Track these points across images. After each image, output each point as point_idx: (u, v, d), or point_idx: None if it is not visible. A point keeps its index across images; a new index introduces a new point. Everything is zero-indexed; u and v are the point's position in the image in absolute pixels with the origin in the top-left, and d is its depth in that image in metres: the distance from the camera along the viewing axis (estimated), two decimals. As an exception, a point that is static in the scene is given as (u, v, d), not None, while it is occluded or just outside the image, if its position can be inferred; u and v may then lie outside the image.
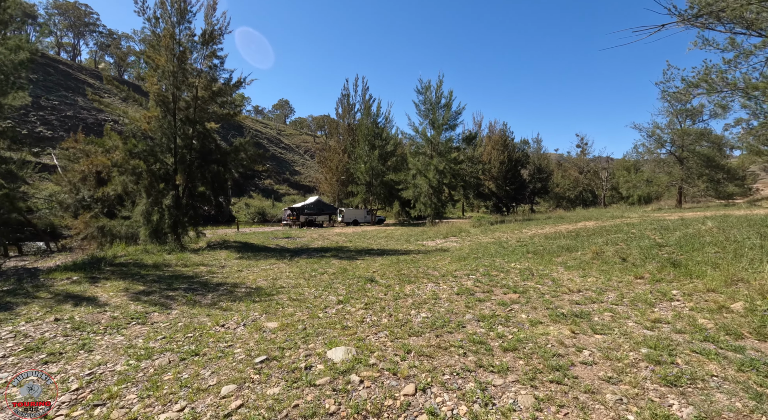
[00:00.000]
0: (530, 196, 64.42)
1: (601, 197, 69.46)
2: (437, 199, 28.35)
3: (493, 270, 8.90)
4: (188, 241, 17.75)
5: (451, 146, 28.87)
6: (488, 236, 18.26)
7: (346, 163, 41.14)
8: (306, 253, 15.25)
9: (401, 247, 16.22)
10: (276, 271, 10.55)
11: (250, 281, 9.16)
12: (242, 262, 12.35)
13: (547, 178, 65.47)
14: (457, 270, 9.21)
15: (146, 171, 15.12)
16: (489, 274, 8.37)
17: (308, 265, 11.33)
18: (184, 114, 16.45)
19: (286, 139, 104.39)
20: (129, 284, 8.50)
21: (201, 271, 10.46)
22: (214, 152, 16.84)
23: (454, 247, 15.30)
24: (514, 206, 62.59)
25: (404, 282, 8.13)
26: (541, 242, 13.49)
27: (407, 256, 12.86)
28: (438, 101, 29.48)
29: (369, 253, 14.35)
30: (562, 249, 11.04)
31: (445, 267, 9.86)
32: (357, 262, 11.70)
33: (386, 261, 11.66)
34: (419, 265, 10.38)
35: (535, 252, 11.25)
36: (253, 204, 54.58)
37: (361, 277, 8.95)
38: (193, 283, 8.89)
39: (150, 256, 12.44)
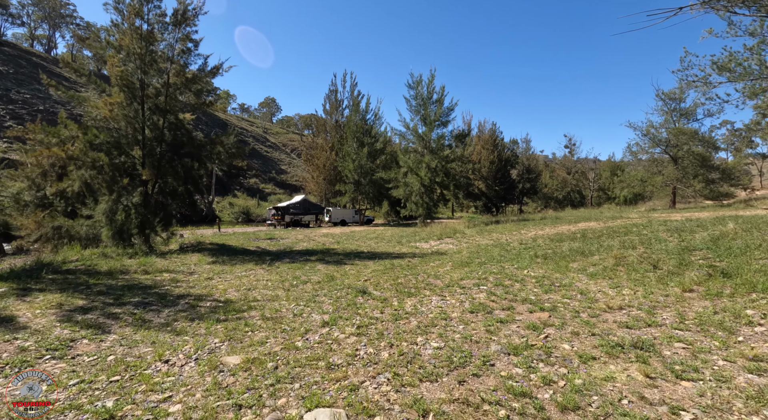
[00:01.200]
0: (519, 196, 64.05)
1: (589, 198, 69.71)
2: (429, 199, 27.14)
3: (504, 278, 7.66)
4: (160, 242, 16.09)
5: (443, 143, 27.71)
6: (486, 238, 17.10)
7: (334, 161, 39.64)
8: (289, 256, 13.79)
9: (394, 250, 14.90)
10: (252, 279, 9.10)
11: (218, 292, 7.71)
12: (215, 267, 10.84)
13: (536, 178, 65.26)
14: (463, 278, 7.95)
15: (108, 165, 13.43)
16: (502, 285, 7.12)
17: (290, 272, 9.91)
18: (153, 102, 14.79)
19: (272, 138, 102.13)
20: (66, 298, 6.94)
21: (163, 280, 8.94)
22: (187, 145, 15.21)
23: (451, 249, 14.06)
24: (504, 206, 62.10)
25: (403, 294, 6.82)
26: (547, 245, 12.35)
27: (401, 260, 11.55)
28: (430, 96, 28.27)
29: (359, 257, 12.99)
30: (574, 253, 9.89)
31: (448, 274, 8.59)
32: (346, 268, 10.33)
33: (379, 266, 10.33)
34: (417, 272, 9.07)
35: (545, 256, 10.09)
36: (238, 203, 52.53)
37: (351, 287, 7.59)
38: (149, 295, 7.39)
39: (107, 261, 10.82)
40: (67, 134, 13.31)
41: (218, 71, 15.82)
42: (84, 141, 13.51)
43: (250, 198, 58.92)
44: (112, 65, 12.66)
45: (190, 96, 15.68)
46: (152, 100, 14.74)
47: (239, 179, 67.57)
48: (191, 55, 15.36)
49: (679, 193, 31.74)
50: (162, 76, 14.90)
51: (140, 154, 14.67)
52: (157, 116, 15.04)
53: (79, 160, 12.99)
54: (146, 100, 14.62)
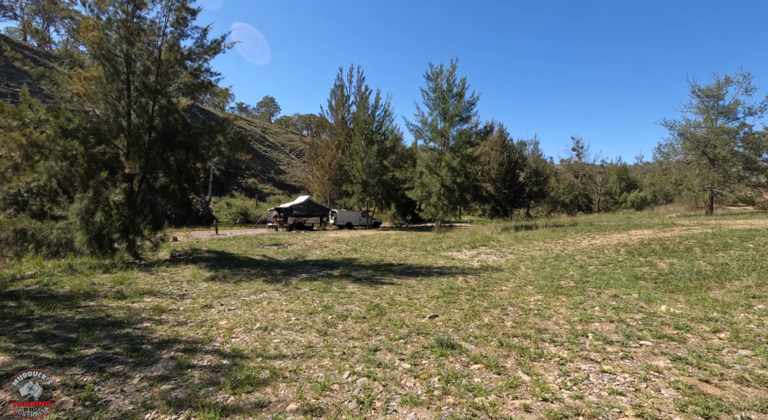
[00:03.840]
0: (527, 199, 61.92)
1: (596, 202, 67.85)
2: (449, 201, 24.71)
3: (650, 321, 5.20)
4: (148, 248, 13.55)
5: (464, 140, 25.30)
6: (529, 247, 14.67)
7: (340, 160, 37.11)
8: (303, 269, 11.28)
9: (428, 262, 12.43)
10: (265, 307, 6.59)
11: (221, 335, 5.19)
12: (213, 286, 8.31)
13: (544, 181, 63.20)
14: (582, 319, 5.45)
15: (83, 155, 10.88)
16: (666, 336, 4.64)
17: (315, 296, 7.40)
18: (141, 81, 12.27)
19: (271, 138, 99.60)
20: (-18, 349, 4.41)
21: (142, 309, 6.40)
22: (180, 133, 12.67)
23: (501, 263, 11.60)
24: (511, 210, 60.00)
25: (513, 351, 4.33)
26: (629, 260, 9.94)
27: (452, 278, 9.07)
28: (450, 89, 25.90)
29: (392, 272, 10.51)
30: (693, 275, 7.46)
31: (547, 308, 6.12)
32: (387, 291, 7.84)
33: (433, 290, 7.84)
34: (497, 303, 6.59)
35: (652, 278, 7.67)
36: (235, 204, 49.89)
37: (420, 331, 5.10)
38: (115, 341, 4.87)
39: (72, 278, 8.25)
40: (32, 116, 10.77)
41: (219, 47, 13.32)
42: (54, 125, 10.97)
43: (248, 198, 56.28)
44: (87, 29, 10.12)
45: (185, 75, 13.15)
46: (140, 78, 12.22)
47: (237, 179, 64.91)
48: (187, 27, 12.86)
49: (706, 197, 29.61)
50: (152, 51, 12.39)
51: (124, 144, 12.14)
52: (146, 98, 12.51)
53: (46, 148, 10.43)
54: (132, 79, 12.11)
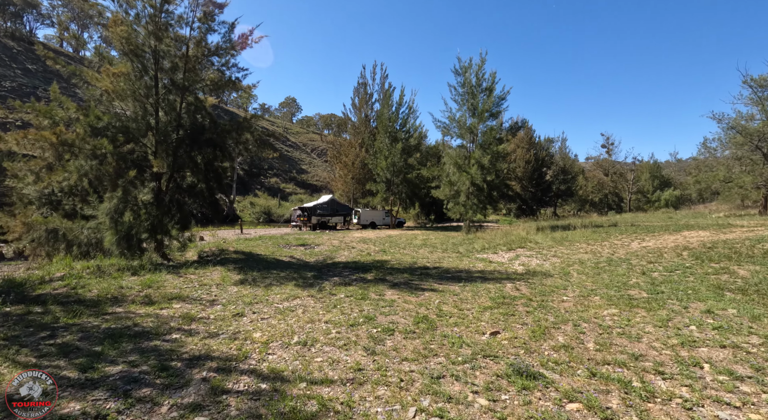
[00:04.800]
0: (554, 198, 59.72)
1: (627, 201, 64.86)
2: (478, 200, 23.70)
3: (761, 351, 4.29)
4: (176, 248, 13.34)
5: (495, 137, 24.21)
6: (572, 249, 13.62)
7: (364, 158, 36.57)
8: (334, 271, 10.71)
9: (465, 265, 11.63)
10: (301, 317, 6.00)
11: (257, 350, 4.63)
12: (244, 290, 7.82)
13: (572, 179, 60.78)
14: (683, 342, 4.58)
15: (112, 154, 10.66)
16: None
17: (353, 304, 6.78)
18: (169, 77, 12.00)
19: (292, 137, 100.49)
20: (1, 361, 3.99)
21: (171, 317, 5.93)
22: (208, 130, 12.34)
23: (545, 267, 10.68)
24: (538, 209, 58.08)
25: (610, 384, 3.53)
26: (698, 267, 8.85)
27: (499, 284, 8.25)
28: (479, 84, 24.84)
29: (429, 276, 9.78)
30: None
31: (620, 321, 5.26)
32: (430, 297, 7.12)
33: (483, 299, 7.07)
34: (555, 312, 5.76)
35: (741, 290, 6.63)
36: (259, 203, 50.30)
37: (483, 351, 4.36)
38: (143, 356, 4.37)
39: (99, 281, 7.94)
40: (62, 115, 10.65)
41: (246, 42, 12.91)
42: (84, 124, 10.81)
43: (271, 198, 56.74)
44: (115, 23, 9.86)
45: (212, 72, 12.83)
46: (167, 74, 11.95)
47: (260, 178, 65.62)
48: (214, 22, 12.51)
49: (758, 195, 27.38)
50: (179, 47, 12.10)
51: (152, 142, 11.90)
52: (174, 95, 12.25)
53: (76, 146, 10.25)
54: (160, 75, 11.85)
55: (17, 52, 58.50)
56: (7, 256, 15.75)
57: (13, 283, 7.19)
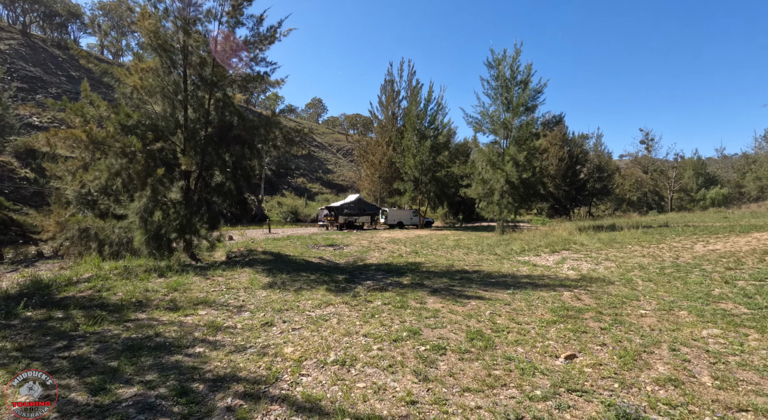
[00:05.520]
0: (588, 197, 56.76)
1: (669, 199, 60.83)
2: (513, 199, 22.43)
3: None
4: (204, 247, 13.11)
5: (531, 132, 22.86)
6: (625, 252, 12.34)
7: (392, 157, 35.83)
8: (367, 274, 10.04)
9: (507, 269, 10.67)
10: (336, 328, 5.33)
11: (288, 371, 3.98)
12: (273, 295, 7.26)
13: (608, 177, 57.60)
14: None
15: (141, 151, 10.44)
16: None
17: (392, 313, 6.05)
18: (197, 73, 11.71)
19: (318, 138, 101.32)
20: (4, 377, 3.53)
21: (195, 325, 5.42)
22: (236, 127, 11.98)
23: (600, 272, 9.56)
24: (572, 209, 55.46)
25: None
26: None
27: (552, 291, 7.30)
28: (513, 77, 23.56)
29: (469, 280, 8.93)
30: None
31: (732, 346, 4.26)
32: (478, 307, 6.29)
33: (534, 306, 6.18)
34: (637, 330, 4.80)
35: None
36: (286, 203, 50.64)
37: (564, 382, 3.51)
38: (163, 374, 3.82)
39: (126, 283, 7.60)
40: (93, 113, 10.56)
41: (275, 35, 12.45)
42: (114, 122, 10.65)
43: (298, 197, 57.10)
44: (143, 17, 9.60)
45: (240, 66, 12.46)
46: (195, 69, 11.66)
47: (287, 178, 66.32)
48: (243, 15, 12.12)
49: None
50: (208, 41, 11.79)
51: (181, 140, 11.65)
52: (202, 92, 11.96)
53: (106, 145, 10.09)
54: (189, 71, 11.58)
55: (62, 60, 61.72)
56: (46, 254, 16.10)
57: (39, 284, 6.95)
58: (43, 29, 75.69)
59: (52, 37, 69.46)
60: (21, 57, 54.87)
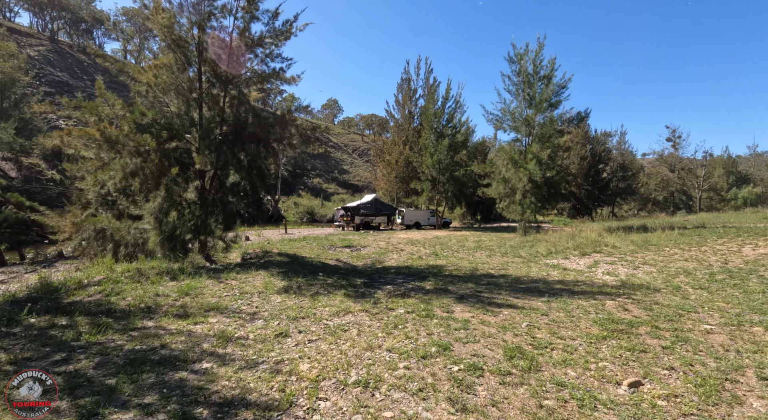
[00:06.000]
0: (612, 197, 54.68)
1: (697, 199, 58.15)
2: (536, 199, 21.50)
3: None
4: (220, 248, 12.88)
5: (555, 129, 21.89)
6: (663, 255, 11.44)
7: (408, 156, 35.22)
8: (386, 277, 9.51)
9: (536, 273, 9.96)
10: (356, 341, 4.81)
11: (303, 394, 3.48)
12: (288, 301, 6.81)
13: (632, 176, 55.41)
14: None
15: (155, 150, 10.20)
16: None
17: (418, 323, 5.50)
18: (212, 69, 11.43)
19: (334, 138, 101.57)
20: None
21: (205, 335, 4.99)
22: (251, 125, 11.64)
23: (641, 277, 8.75)
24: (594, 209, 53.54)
25: None
26: None
27: (591, 300, 6.60)
28: (536, 72, 22.63)
29: (496, 285, 8.28)
30: None
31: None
32: (512, 317, 5.67)
33: (575, 317, 5.52)
34: (707, 349, 4.11)
35: None
36: (302, 203, 50.72)
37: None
38: (163, 396, 3.38)
39: (136, 287, 7.28)
40: (108, 112, 10.40)
41: (290, 30, 12.06)
42: (129, 121, 10.46)
43: (314, 198, 57.15)
44: (156, 10, 9.33)
45: (255, 63, 12.13)
46: (211, 66, 11.37)
47: (303, 179, 66.54)
48: (258, 10, 11.77)
49: None
50: (223, 38, 11.49)
51: (196, 138, 11.39)
52: (217, 89, 11.68)
53: (120, 143, 9.87)
54: (204, 68, 11.31)
55: (87, 64, 63.57)
56: (66, 254, 16.20)
57: (48, 288, 6.69)
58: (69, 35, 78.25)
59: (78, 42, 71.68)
60: (49, 62, 56.77)
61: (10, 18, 77.57)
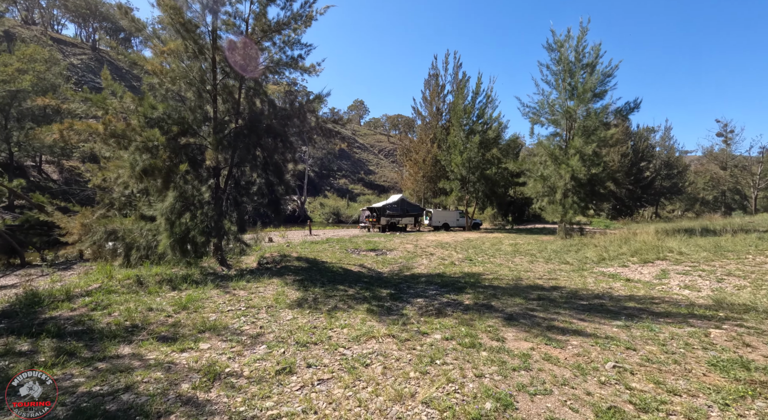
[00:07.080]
0: (655, 196, 50.62)
1: (753, 199, 53.04)
2: (579, 198, 19.50)
3: None
4: (237, 251, 12.02)
5: (600, 121, 19.79)
6: (749, 264, 9.51)
7: (436, 155, 33.70)
8: (416, 288, 8.21)
9: (593, 284, 8.35)
10: (381, 387, 3.56)
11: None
12: (300, 319, 5.67)
13: (679, 174, 51.07)
14: None
15: (164, 145, 9.41)
16: None
17: (460, 356, 4.18)
18: (226, 58, 10.55)
19: (360, 139, 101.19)
20: None
21: (187, 371, 3.91)
22: (267, 116, 10.68)
23: (728, 292, 7.00)
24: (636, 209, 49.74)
25: None
26: None
27: (685, 326, 5.03)
28: (579, 59, 20.62)
29: (550, 300, 6.80)
30: None
31: None
32: (585, 350, 4.25)
33: (680, 354, 4.03)
34: None
35: None
36: (328, 204, 50.18)
37: None
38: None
39: (128, 298, 6.36)
40: (116, 105, 9.74)
41: (311, 14, 11.02)
42: (140, 114, 9.74)
43: (340, 198, 56.59)
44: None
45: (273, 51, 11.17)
46: (225, 56, 10.50)
47: (329, 180, 66.24)
48: (274, -9, 10.80)
49: None
50: (238, 24, 10.62)
51: (209, 133, 10.55)
52: (232, 80, 10.81)
53: (126, 138, 9.14)
54: (218, 56, 10.45)
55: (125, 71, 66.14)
56: (85, 256, 15.93)
57: (30, 300, 5.88)
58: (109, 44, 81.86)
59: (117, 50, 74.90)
60: (90, 70, 59.44)
61: (58, 30, 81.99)
